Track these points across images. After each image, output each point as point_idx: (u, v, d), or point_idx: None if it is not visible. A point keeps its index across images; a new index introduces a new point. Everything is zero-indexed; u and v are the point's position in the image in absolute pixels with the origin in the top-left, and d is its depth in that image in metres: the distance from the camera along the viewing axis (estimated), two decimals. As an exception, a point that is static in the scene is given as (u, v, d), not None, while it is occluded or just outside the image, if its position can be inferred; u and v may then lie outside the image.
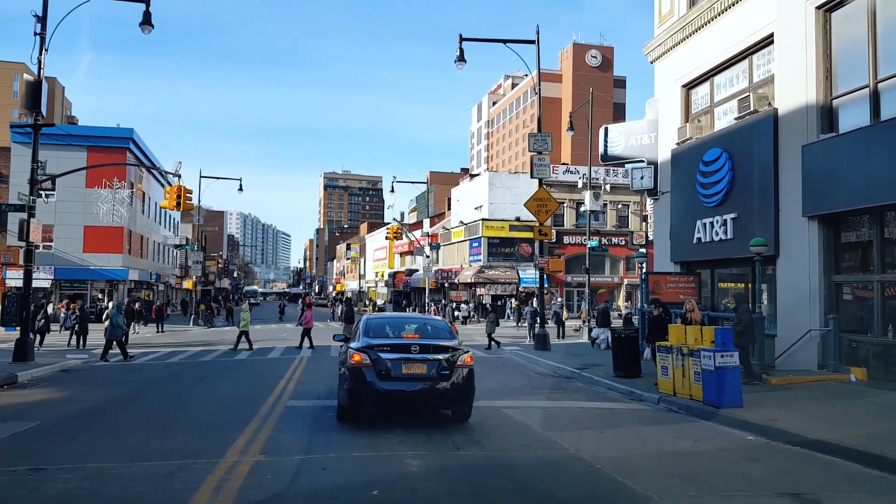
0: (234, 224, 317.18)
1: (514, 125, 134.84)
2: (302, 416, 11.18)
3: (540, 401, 13.23)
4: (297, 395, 13.58)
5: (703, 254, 19.97)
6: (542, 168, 22.97)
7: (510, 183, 57.11)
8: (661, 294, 20.09)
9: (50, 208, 47.34)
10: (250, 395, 13.60)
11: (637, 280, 55.38)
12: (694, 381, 12.38)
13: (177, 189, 28.63)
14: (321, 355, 22.71)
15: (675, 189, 21.57)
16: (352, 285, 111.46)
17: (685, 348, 12.75)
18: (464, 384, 10.30)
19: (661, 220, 22.88)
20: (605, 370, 17.20)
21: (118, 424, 10.77)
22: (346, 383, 10.27)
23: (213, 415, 11.52)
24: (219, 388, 15.35)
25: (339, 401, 10.84)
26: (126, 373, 18.52)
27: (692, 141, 20.69)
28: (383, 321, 12.31)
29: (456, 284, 57.91)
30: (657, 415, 11.90)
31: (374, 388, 9.95)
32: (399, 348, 10.28)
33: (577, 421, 11.18)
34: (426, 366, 10.14)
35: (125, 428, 10.39)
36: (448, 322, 12.52)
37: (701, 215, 19.76)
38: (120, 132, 51.39)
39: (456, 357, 10.32)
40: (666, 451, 8.90)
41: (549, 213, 22.97)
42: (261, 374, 17.64)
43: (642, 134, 23.32)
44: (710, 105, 20.64)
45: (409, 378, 10.06)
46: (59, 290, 47.89)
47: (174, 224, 75.80)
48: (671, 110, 22.23)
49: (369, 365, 10.06)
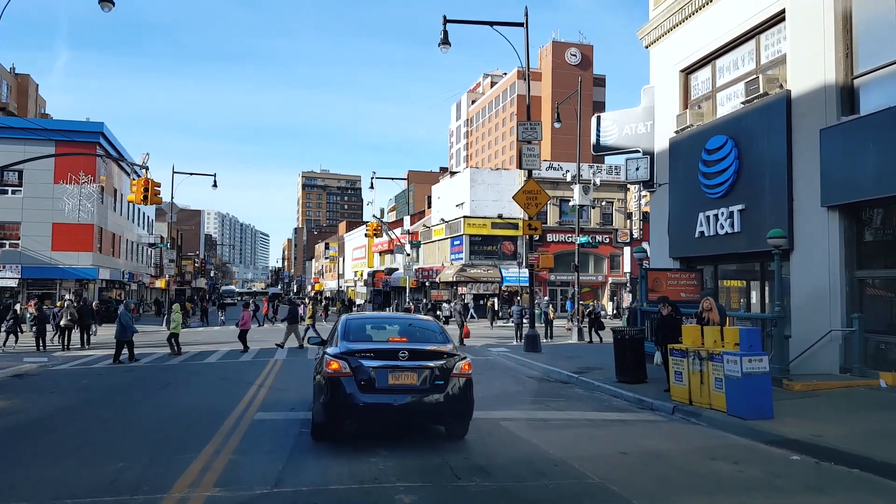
0: (211, 224, 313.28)
1: (494, 123, 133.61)
2: (271, 433, 9.65)
3: (541, 411, 11.80)
4: (268, 406, 12.06)
5: (705, 249, 18.67)
6: (531, 158, 21.57)
7: (492, 179, 55.73)
8: (660, 292, 18.78)
9: (16, 205, 45.32)
10: (215, 406, 12.08)
11: (623, 279, 54.48)
12: (714, 389, 11.03)
13: (144, 182, 26.90)
14: (297, 359, 21.18)
15: (674, 180, 20.27)
16: (331, 285, 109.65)
17: (703, 351, 11.39)
18: (461, 396, 8.85)
19: (658, 214, 21.58)
20: (605, 374, 15.86)
21: (55, 444, 9.18)
22: (322, 396, 8.77)
23: (169, 431, 9.96)
24: (181, 396, 13.78)
25: (313, 416, 9.33)
26: (84, 378, 16.91)
27: (693, 128, 19.40)
28: (365, 321, 10.76)
29: (437, 283, 56.43)
30: (676, 428, 10.51)
31: (354, 401, 8.46)
32: (384, 354, 8.81)
33: (591, 438, 9.73)
34: (416, 375, 8.68)
35: (62, 448, 8.82)
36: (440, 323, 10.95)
37: (704, 207, 18.47)
38: (89, 126, 49.29)
39: (451, 364, 8.86)
40: (710, 479, 7.43)
41: (539, 206, 21.57)
42: (230, 380, 16.08)
43: (637, 122, 22.03)
44: (711, 90, 19.36)
45: (396, 390, 8.58)
46: (27, 289, 45.77)
47: (149, 222, 73.64)
48: (669, 97, 20.93)
49: (349, 374, 8.57)
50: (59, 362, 20.77)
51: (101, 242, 48.94)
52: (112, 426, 10.57)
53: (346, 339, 9.34)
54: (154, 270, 72.47)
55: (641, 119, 21.89)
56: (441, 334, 9.98)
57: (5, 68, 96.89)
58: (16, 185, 46.25)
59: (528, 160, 21.46)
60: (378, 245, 76.96)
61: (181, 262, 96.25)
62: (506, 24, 22.57)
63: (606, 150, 22.50)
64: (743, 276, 19.35)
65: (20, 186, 45.96)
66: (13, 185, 46.32)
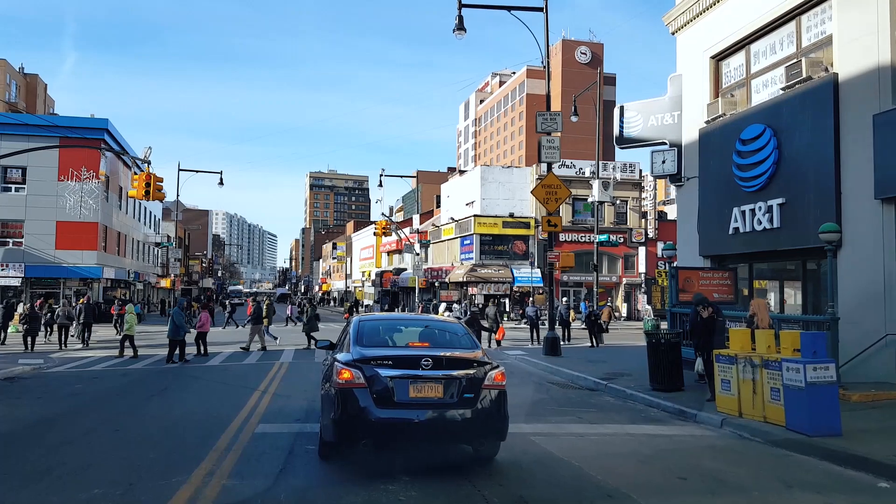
0: (219, 224, 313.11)
1: (503, 123, 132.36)
2: (273, 451, 8.49)
3: (574, 424, 10.61)
4: (271, 416, 10.92)
5: (741, 246, 17.45)
6: (551, 151, 20.40)
7: (503, 178, 54.46)
8: (692, 292, 17.61)
9: (20, 202, 44.43)
10: (212, 415, 10.96)
11: (637, 279, 53.17)
12: (770, 400, 9.85)
13: (146, 176, 25.76)
14: (303, 362, 20.07)
15: (704, 173, 19.06)
16: (338, 285, 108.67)
17: (756, 358, 10.21)
18: (493, 412, 7.67)
19: (686, 210, 20.36)
20: (635, 381, 14.69)
21: (27, 461, 8.03)
22: (331, 410, 7.60)
23: (158, 446, 8.83)
24: (177, 403, 12.65)
25: (321, 432, 8.17)
26: (78, 382, 15.83)
27: (725, 118, 18.19)
28: (380, 323, 9.57)
29: (447, 284, 55.22)
30: (731, 445, 9.31)
31: (370, 417, 7.30)
32: (404, 362, 7.63)
33: (639, 457, 8.50)
34: (442, 386, 7.50)
35: (33, 468, 7.69)
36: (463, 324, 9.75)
37: (739, 202, 17.26)
38: (94, 122, 48.41)
39: (482, 374, 7.69)
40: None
41: (560, 201, 20.40)
42: (231, 385, 14.96)
43: (663, 113, 20.80)
44: (745, 77, 18.14)
45: (418, 404, 7.41)
46: (31, 288, 44.86)
47: (155, 222, 72.81)
48: (698, 85, 19.73)
49: (363, 385, 7.40)
50: (56, 364, 19.72)
51: (106, 241, 47.99)
52: (97, 439, 9.41)
53: (360, 343, 8.17)
54: (161, 270, 71.57)
55: (668, 109, 20.67)
56: (467, 338, 8.81)
57: (14, 68, 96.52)
58: (19, 183, 45.36)
59: (548, 152, 20.29)
60: (386, 245, 75.90)
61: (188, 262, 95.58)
62: (524, 8, 21.43)
63: (630, 143, 21.28)
64: (779, 276, 18.13)
65: (24, 184, 45.06)
66: (17, 182, 45.44)
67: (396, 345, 8.59)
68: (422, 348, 8.19)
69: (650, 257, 52.66)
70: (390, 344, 8.62)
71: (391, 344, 8.62)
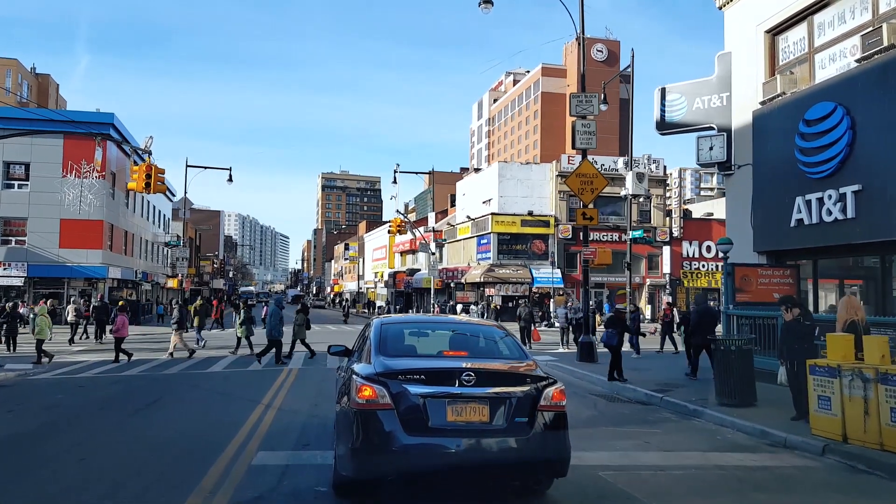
0: (232, 225, 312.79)
1: (517, 122, 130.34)
2: (274, 493, 6.63)
3: (644, 452, 8.67)
4: (274, 439, 9.05)
5: (805, 240, 15.47)
6: (586, 136, 18.51)
7: (522, 175, 52.49)
8: (750, 291, 15.71)
9: (23, 199, 42.86)
10: (204, 437, 9.16)
11: (662, 280, 51.06)
12: (889, 423, 7.94)
13: (146, 167, 24.02)
14: (313, 368, 18.27)
15: (759, 159, 17.12)
16: (350, 286, 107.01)
17: (868, 370, 8.30)
18: (553, 441, 5.97)
19: (737, 201, 18.39)
20: (693, 393, 12.81)
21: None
22: (349, 436, 5.87)
23: (130, 484, 7.00)
24: (166, 420, 10.81)
25: (336, 464, 6.41)
26: (60, 391, 14.10)
27: (786, 97, 16.26)
28: (404, 326, 7.80)
29: (462, 284, 53.31)
30: (851, 481, 7.40)
31: (397, 446, 5.61)
32: (440, 376, 5.91)
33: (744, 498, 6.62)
34: (488, 408, 5.81)
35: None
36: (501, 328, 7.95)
37: (803, 190, 15.30)
38: (99, 117, 46.76)
39: (537, 392, 5.97)
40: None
41: (596, 191, 18.47)
42: (231, 397, 13.14)
43: (710, 94, 18.85)
44: (808, 51, 16.21)
45: (458, 430, 5.71)
46: (34, 288, 43.31)
47: (165, 221, 71.31)
48: (750, 63, 17.80)
49: (388, 406, 5.71)
50: (44, 370, 18.01)
51: (112, 240, 46.37)
52: (51, 475, 7.42)
53: (383, 352, 6.46)
54: (170, 270, 70.07)
55: (715, 90, 18.73)
56: (513, 345, 7.06)
57: (26, 68, 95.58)
58: (22, 179, 43.79)
59: (583, 138, 18.40)
60: (399, 245, 74.16)
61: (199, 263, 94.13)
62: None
63: (673, 128, 19.33)
64: (849, 274, 16.20)
65: (27, 181, 43.49)
66: (20, 178, 43.88)
67: (426, 353, 6.93)
68: (459, 358, 6.48)
69: (675, 257, 50.62)
70: (419, 352, 6.96)
71: (420, 352, 6.96)
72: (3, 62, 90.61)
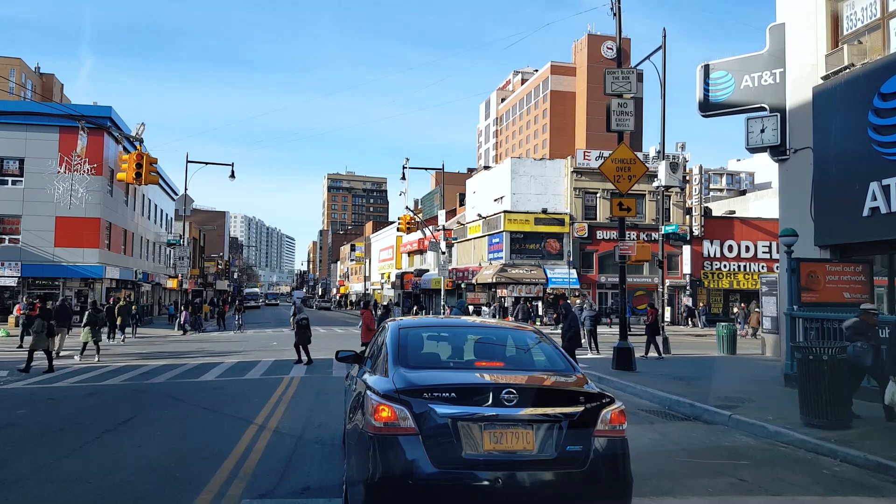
0: (238, 227, 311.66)
1: (525, 121, 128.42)
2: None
3: (744, 495, 6.65)
4: (266, 478, 7.04)
5: (880, 231, 13.46)
6: (623, 117, 16.54)
7: (535, 171, 50.46)
8: (817, 290, 13.70)
9: (17, 196, 41.06)
10: (175, 475, 7.19)
11: (682, 281, 48.95)
12: None
13: (136, 156, 22.16)
14: (317, 377, 16.33)
15: (821, 141, 15.13)
16: (356, 287, 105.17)
17: None
18: (611, 474, 4.65)
19: (793, 189, 16.40)
20: (768, 409, 10.81)
21: None
22: (364, 466, 4.46)
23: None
24: (130, 447, 8.66)
25: (347, 498, 4.95)
26: (24, 405, 12.26)
27: (855, 69, 14.27)
28: (424, 331, 6.16)
29: (473, 285, 51.32)
30: None
31: (423, 479, 4.33)
32: (472, 394, 4.50)
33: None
34: (534, 433, 4.55)
35: None
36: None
37: (878, 174, 13.32)
38: (97, 110, 45.00)
39: (592, 413, 4.60)
40: None
41: (634, 179, 16.48)
42: (220, 415, 11.15)
43: (761, 71, 16.88)
44: (880, 17, 14.23)
45: (497, 462, 4.43)
46: (27, 288, 41.53)
47: (167, 220, 69.55)
48: (808, 33, 15.83)
49: (412, 431, 4.40)
50: (18, 378, 16.12)
51: (110, 239, 44.54)
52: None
53: (403, 362, 4.97)
54: (173, 271, 68.37)
55: (767, 66, 16.75)
56: (554, 353, 5.54)
57: (30, 68, 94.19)
58: (16, 175, 42.00)
59: (620, 118, 16.44)
60: (407, 245, 72.31)
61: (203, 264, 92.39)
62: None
63: (718, 109, 17.36)
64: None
65: (21, 177, 41.69)
66: (13, 174, 42.08)
67: (453, 363, 5.39)
68: (494, 369, 5.11)
69: (695, 257, 48.55)
70: (445, 363, 5.39)
71: (446, 363, 5.39)
72: (6, 61, 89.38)
